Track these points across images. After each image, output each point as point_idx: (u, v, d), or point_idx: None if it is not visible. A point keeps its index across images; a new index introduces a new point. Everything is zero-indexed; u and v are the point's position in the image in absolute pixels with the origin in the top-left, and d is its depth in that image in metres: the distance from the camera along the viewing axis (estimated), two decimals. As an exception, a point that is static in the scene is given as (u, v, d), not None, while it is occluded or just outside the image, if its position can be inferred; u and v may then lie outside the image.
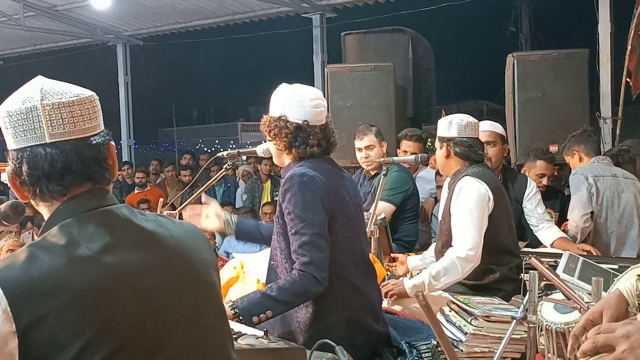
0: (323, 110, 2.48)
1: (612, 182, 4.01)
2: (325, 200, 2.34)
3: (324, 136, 2.46)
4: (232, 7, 10.06)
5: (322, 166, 2.44)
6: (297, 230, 2.31)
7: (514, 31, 18.61)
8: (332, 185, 2.40)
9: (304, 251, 2.29)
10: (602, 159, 4.11)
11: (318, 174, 2.38)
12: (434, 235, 4.68)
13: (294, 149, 2.45)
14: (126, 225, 1.36)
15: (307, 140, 2.42)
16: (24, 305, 1.18)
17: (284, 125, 2.43)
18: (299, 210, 2.31)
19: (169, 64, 35.28)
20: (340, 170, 2.59)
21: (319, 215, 2.32)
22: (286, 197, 2.36)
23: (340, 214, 2.40)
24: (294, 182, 2.35)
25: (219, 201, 8.63)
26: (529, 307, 2.28)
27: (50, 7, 10.29)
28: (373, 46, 6.78)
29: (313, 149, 2.43)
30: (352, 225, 2.47)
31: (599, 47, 6.87)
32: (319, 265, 2.28)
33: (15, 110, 1.31)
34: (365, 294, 2.46)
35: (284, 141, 2.45)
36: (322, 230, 2.31)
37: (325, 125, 2.49)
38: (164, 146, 37.94)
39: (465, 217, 3.04)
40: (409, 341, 2.50)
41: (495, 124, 4.22)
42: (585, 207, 3.97)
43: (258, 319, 2.24)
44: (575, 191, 4.06)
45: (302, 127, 2.42)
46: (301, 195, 2.32)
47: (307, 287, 2.27)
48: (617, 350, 1.22)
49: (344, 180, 2.53)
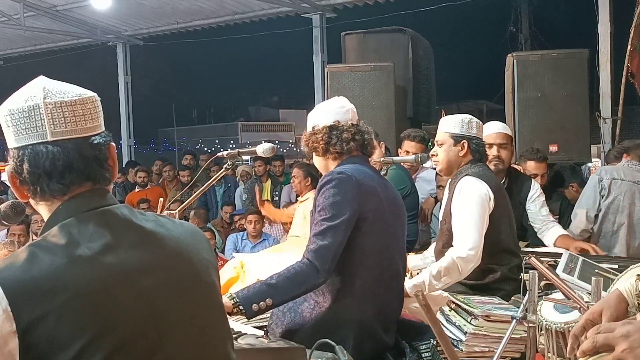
0: (350, 110, 2.61)
1: (631, 187, 3.95)
2: (356, 200, 2.37)
3: (357, 131, 2.55)
4: (232, 7, 10.06)
5: (362, 169, 2.50)
6: (317, 222, 2.37)
7: (514, 31, 18.60)
8: (367, 187, 2.43)
9: (315, 239, 2.33)
10: (634, 163, 4.05)
11: (355, 174, 2.43)
12: (433, 235, 4.68)
13: (331, 147, 2.53)
14: (126, 225, 1.36)
15: (341, 135, 2.52)
16: (24, 305, 1.18)
17: (318, 131, 2.56)
18: (327, 204, 2.36)
19: (169, 64, 35.32)
20: (382, 177, 2.65)
21: (345, 212, 2.35)
22: (321, 191, 2.42)
23: (372, 217, 2.41)
24: (331, 178, 2.41)
25: (219, 201, 8.65)
26: (528, 307, 2.28)
27: (50, 7, 10.29)
28: (373, 46, 6.78)
29: (350, 144, 2.52)
30: (383, 231, 2.47)
31: (598, 47, 6.87)
32: (324, 255, 2.29)
33: (17, 109, 1.32)
34: (384, 303, 2.46)
35: (322, 144, 2.55)
36: (341, 225, 2.33)
37: (358, 123, 2.60)
38: (164, 146, 37.94)
39: (466, 217, 3.04)
40: (408, 341, 2.51)
41: (505, 125, 4.17)
42: (590, 208, 3.94)
43: (258, 306, 2.24)
44: (585, 189, 4.04)
45: (334, 126, 2.54)
46: (333, 191, 2.38)
47: (307, 277, 2.29)
48: (617, 349, 1.22)
49: (385, 187, 2.56)
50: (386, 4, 9.54)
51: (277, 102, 40.57)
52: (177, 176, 8.98)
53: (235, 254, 4.20)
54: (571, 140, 5.55)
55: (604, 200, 3.94)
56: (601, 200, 3.94)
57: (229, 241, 6.92)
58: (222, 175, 3.44)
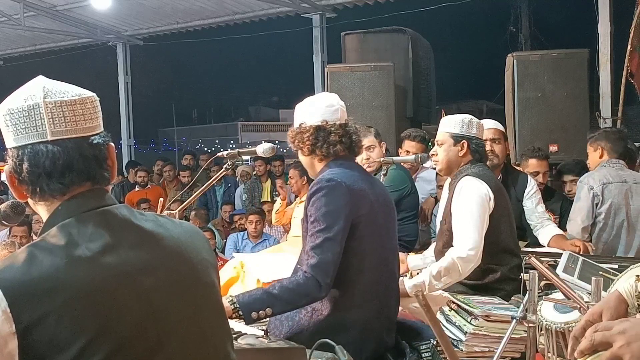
0: (339, 109, 2.54)
1: (621, 188, 3.95)
2: (348, 207, 2.34)
3: (345, 133, 2.50)
4: (232, 7, 10.06)
5: (350, 172, 2.46)
6: (312, 233, 2.33)
7: (514, 31, 18.60)
8: (358, 192, 2.40)
9: (314, 253, 2.29)
10: (614, 162, 4.06)
11: (345, 180, 2.39)
12: (433, 235, 4.68)
13: (317, 149, 2.49)
14: (125, 226, 1.35)
15: (328, 138, 2.47)
16: (23, 306, 1.17)
17: (305, 130, 2.50)
18: (320, 215, 2.33)
19: (169, 64, 35.34)
20: (370, 177, 2.61)
21: (338, 221, 2.32)
22: (311, 200, 2.38)
23: (366, 221, 2.39)
24: (320, 187, 2.37)
25: (219, 201, 8.65)
26: (528, 307, 2.27)
27: (50, 7, 10.29)
28: (373, 46, 6.79)
29: (336, 147, 2.47)
30: (377, 233, 2.45)
31: (598, 47, 6.87)
32: (325, 270, 2.27)
33: (17, 108, 1.31)
34: (384, 304, 2.46)
35: (307, 145, 2.50)
36: (337, 236, 2.31)
37: (346, 123, 2.54)
38: (164, 146, 37.95)
39: (466, 217, 3.04)
40: (408, 341, 2.51)
41: (497, 122, 4.23)
42: (584, 219, 3.93)
43: (257, 314, 2.25)
44: (577, 200, 4.03)
45: (322, 127, 2.48)
46: (325, 200, 2.34)
47: (309, 290, 2.27)
48: (614, 346, 1.21)
49: (373, 188, 2.52)
50: (386, 4, 9.54)
51: (277, 102, 40.64)
52: (177, 176, 8.97)
53: (235, 254, 4.20)
54: (571, 140, 5.55)
55: (599, 208, 3.93)
56: (596, 209, 3.94)
57: (229, 241, 6.92)
58: (222, 175, 3.45)
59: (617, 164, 4.04)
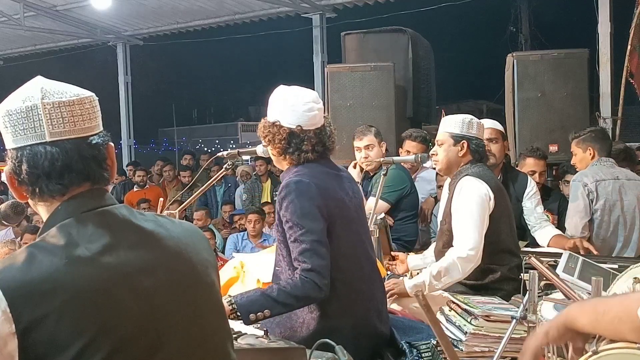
0: (317, 114, 2.42)
1: (614, 185, 3.99)
2: (322, 207, 2.32)
3: (319, 141, 2.42)
4: (232, 7, 10.07)
5: (318, 170, 2.42)
6: (296, 238, 2.30)
7: (514, 31, 18.62)
8: (329, 189, 2.38)
9: (305, 258, 2.28)
10: (604, 160, 4.09)
11: (314, 180, 2.36)
12: (433, 236, 4.68)
13: (288, 155, 2.43)
14: (125, 226, 1.35)
15: (300, 146, 2.39)
16: (23, 306, 1.17)
17: (277, 131, 2.41)
18: (297, 218, 2.30)
19: (169, 64, 35.28)
20: (338, 170, 2.56)
21: (317, 222, 2.30)
22: (283, 205, 2.34)
23: (340, 219, 2.38)
24: (290, 190, 2.33)
25: (219, 201, 8.65)
26: (528, 307, 2.27)
27: (50, 7, 10.30)
28: (373, 46, 6.79)
29: (307, 154, 2.40)
30: (353, 228, 2.46)
31: (598, 47, 6.88)
32: (321, 272, 2.27)
33: (15, 109, 1.31)
34: (370, 297, 2.46)
35: (278, 147, 2.44)
36: (321, 237, 2.30)
37: (321, 129, 2.43)
38: (164, 146, 37.92)
39: (466, 217, 3.04)
40: (409, 341, 2.50)
41: (495, 121, 4.23)
42: (582, 216, 3.95)
43: (255, 316, 2.25)
44: (573, 199, 4.04)
45: (295, 133, 2.39)
46: (298, 203, 2.31)
47: (308, 292, 2.27)
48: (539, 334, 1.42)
49: (342, 181, 2.50)
50: (386, 4, 9.55)
51: (277, 102, 40.37)
52: (177, 176, 8.98)
53: (235, 254, 4.20)
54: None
55: (594, 205, 3.95)
56: (592, 205, 3.96)
57: (229, 241, 6.92)
58: (222, 175, 3.45)
59: (608, 161, 4.09)
